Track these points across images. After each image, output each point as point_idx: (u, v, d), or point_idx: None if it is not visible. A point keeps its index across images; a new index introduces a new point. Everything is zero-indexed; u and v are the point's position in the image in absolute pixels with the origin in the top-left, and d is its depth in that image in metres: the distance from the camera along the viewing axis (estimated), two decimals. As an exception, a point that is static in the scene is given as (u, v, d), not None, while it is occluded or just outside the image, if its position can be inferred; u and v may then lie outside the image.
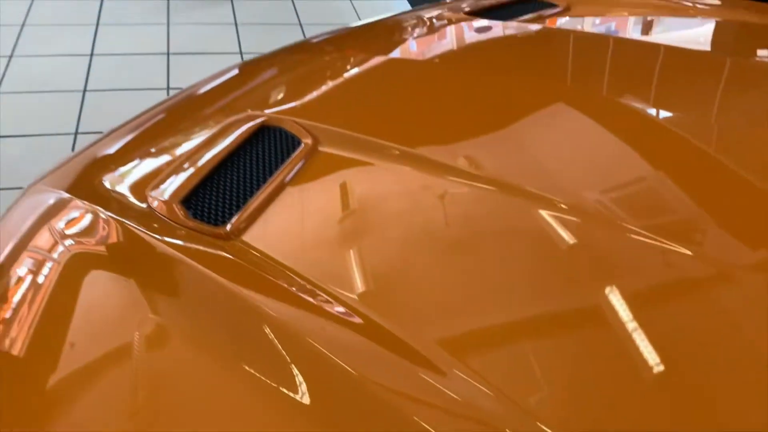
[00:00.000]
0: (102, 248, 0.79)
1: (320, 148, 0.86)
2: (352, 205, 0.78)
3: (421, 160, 0.83)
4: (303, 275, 0.67)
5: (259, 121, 0.92)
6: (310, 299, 0.65)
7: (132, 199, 0.83)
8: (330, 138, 0.88)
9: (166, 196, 0.79)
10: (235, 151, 0.87)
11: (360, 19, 3.32)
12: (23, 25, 2.96)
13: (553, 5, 1.33)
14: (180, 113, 1.10)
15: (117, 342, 0.63)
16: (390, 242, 0.72)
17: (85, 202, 0.86)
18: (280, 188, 0.80)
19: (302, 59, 1.21)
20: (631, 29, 1.32)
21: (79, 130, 2.36)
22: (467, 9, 1.30)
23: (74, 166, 1.00)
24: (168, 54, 2.87)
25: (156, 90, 2.62)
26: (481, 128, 0.90)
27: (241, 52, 2.95)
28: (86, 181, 0.93)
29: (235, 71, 1.23)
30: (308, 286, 0.66)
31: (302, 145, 0.87)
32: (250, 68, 1.22)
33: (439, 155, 0.84)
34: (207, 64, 2.83)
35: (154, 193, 0.80)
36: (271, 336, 0.61)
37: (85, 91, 2.57)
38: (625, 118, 0.93)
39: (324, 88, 1.07)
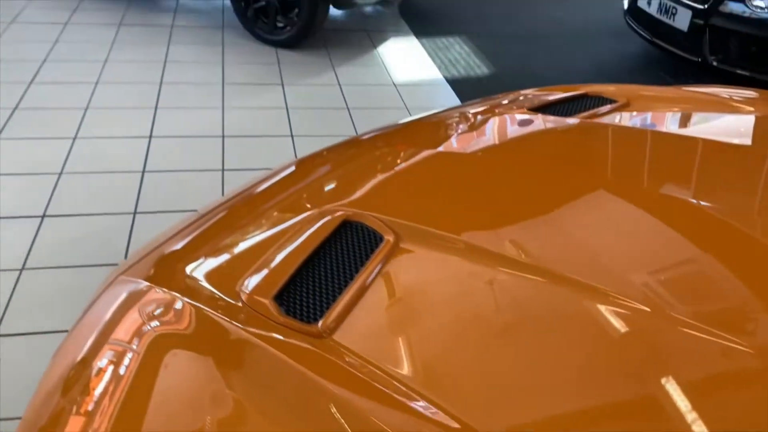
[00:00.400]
0: (192, 340, 0.81)
1: (402, 245, 0.89)
2: (437, 303, 0.79)
3: (498, 258, 0.85)
4: (395, 376, 0.68)
5: (340, 216, 0.95)
6: (404, 400, 0.65)
7: (220, 291, 0.86)
8: (409, 233, 0.91)
9: (258, 292, 0.82)
10: (320, 246, 0.90)
11: (404, 103, 3.44)
12: (87, 108, 3.12)
13: (612, 101, 1.37)
14: (253, 206, 1.15)
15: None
16: (476, 342, 0.72)
17: (173, 293, 0.89)
18: (368, 285, 0.82)
19: (369, 153, 1.26)
20: (687, 124, 1.34)
21: (138, 210, 2.45)
22: (530, 106, 1.35)
23: (157, 258, 1.04)
24: (223, 136, 2.99)
25: (211, 171, 2.72)
26: (553, 224, 0.91)
27: (292, 135, 3.06)
28: (172, 273, 0.97)
29: (303, 165, 1.28)
30: (402, 388, 0.67)
31: (384, 240, 0.89)
32: (319, 162, 1.27)
33: (516, 252, 0.86)
34: (260, 146, 2.93)
35: (245, 288, 0.83)
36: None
37: (144, 171, 2.67)
38: (677, 209, 0.94)
39: (396, 182, 1.11)
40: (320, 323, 0.76)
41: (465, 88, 3.73)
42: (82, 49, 3.77)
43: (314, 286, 0.83)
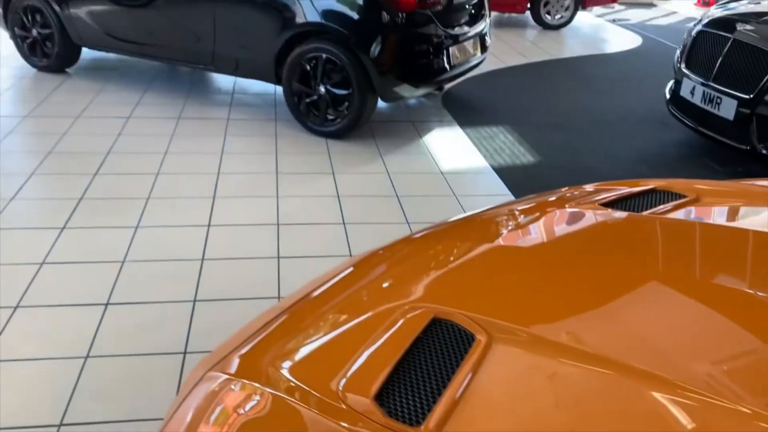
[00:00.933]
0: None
1: (494, 344, 0.90)
2: (537, 405, 0.79)
3: (586, 356, 0.85)
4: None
5: (429, 314, 0.97)
6: None
7: (315, 389, 0.87)
8: (499, 331, 0.92)
9: (357, 391, 0.83)
10: (412, 344, 0.91)
11: (452, 191, 3.50)
12: (148, 198, 3.25)
13: (682, 196, 1.39)
14: (338, 299, 1.17)
15: None
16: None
17: (266, 389, 0.91)
18: (466, 387, 0.82)
19: (447, 247, 1.28)
20: (758, 219, 1.34)
21: (198, 298, 2.50)
22: (602, 201, 1.37)
23: (248, 352, 1.06)
24: (278, 224, 3.06)
25: (268, 258, 2.78)
26: (643, 321, 0.91)
27: (344, 222, 3.12)
28: (263, 368, 0.99)
29: (381, 258, 1.31)
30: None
31: (476, 340, 0.90)
32: (398, 255, 1.30)
33: (602, 347, 0.86)
34: (314, 234, 3.00)
35: (342, 387, 0.84)
36: None
37: (203, 259, 2.74)
38: (747, 303, 0.94)
39: (476, 277, 1.13)
40: (423, 426, 0.76)
41: (512, 176, 3.79)
42: (143, 141, 3.97)
43: (412, 386, 0.84)
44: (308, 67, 4.07)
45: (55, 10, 4.83)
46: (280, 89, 5.01)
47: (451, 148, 4.19)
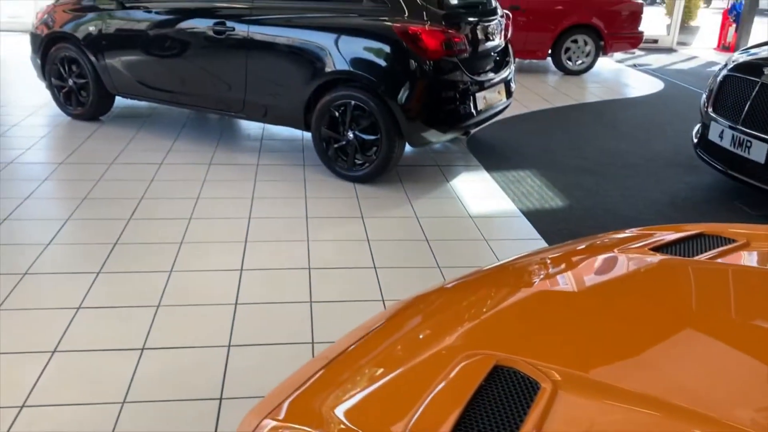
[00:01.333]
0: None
1: (560, 391, 0.88)
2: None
3: (654, 402, 0.83)
4: None
5: (490, 360, 0.96)
6: None
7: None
8: (565, 379, 0.91)
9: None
10: (475, 392, 0.90)
11: (482, 235, 3.49)
12: (181, 242, 3.29)
13: (732, 240, 1.37)
14: (392, 344, 1.16)
15: None
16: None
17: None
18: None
19: (497, 292, 1.28)
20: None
21: (232, 343, 2.49)
22: (652, 246, 1.36)
23: (307, 398, 1.05)
24: (309, 268, 3.07)
25: (301, 303, 2.78)
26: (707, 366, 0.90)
27: (374, 266, 3.13)
28: (321, 415, 0.98)
29: (430, 302, 1.31)
30: None
31: (541, 388, 0.89)
32: (446, 299, 1.30)
33: (670, 393, 0.84)
34: (346, 278, 3.00)
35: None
36: None
37: (236, 304, 2.75)
38: None
39: (531, 322, 1.12)
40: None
41: (542, 220, 3.78)
42: (176, 187, 4.03)
43: (480, 437, 0.83)
44: (337, 114, 4.14)
45: (91, 61, 4.99)
46: (307, 135, 5.09)
47: (479, 192, 4.21)
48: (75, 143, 4.77)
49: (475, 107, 4.23)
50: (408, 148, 4.61)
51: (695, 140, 4.50)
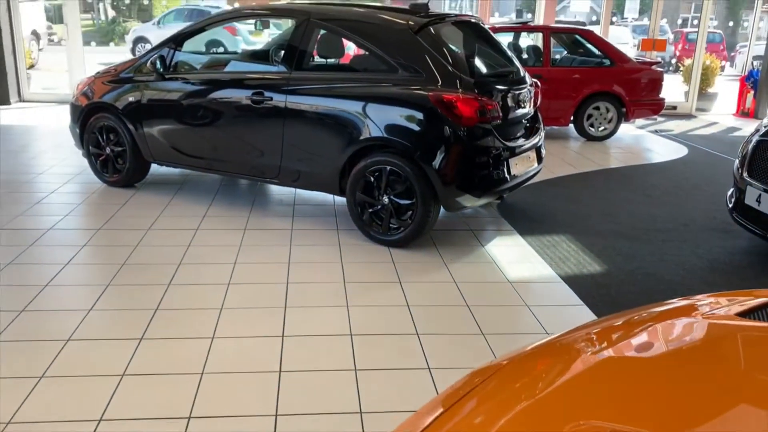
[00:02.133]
0: None
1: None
2: None
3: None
4: None
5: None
6: None
7: None
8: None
9: None
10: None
11: (523, 301, 3.44)
12: (221, 308, 3.27)
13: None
14: (486, 411, 1.13)
15: None
16: None
17: None
18: None
19: (587, 360, 1.24)
20: None
21: (279, 412, 2.44)
22: (737, 312, 1.33)
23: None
24: (351, 335, 3.03)
25: (345, 371, 2.73)
26: None
27: (417, 333, 3.08)
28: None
29: (522, 369, 1.27)
30: None
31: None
32: (543, 365, 1.26)
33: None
34: (389, 345, 2.96)
35: None
36: None
37: (280, 372, 2.71)
38: None
39: (633, 389, 1.08)
40: None
41: (582, 285, 3.73)
42: (213, 252, 4.05)
43: None
44: (371, 179, 4.19)
45: (129, 129, 5.13)
46: (339, 199, 5.13)
47: (515, 256, 4.18)
48: (111, 210, 4.84)
49: (509, 173, 4.26)
50: (441, 212, 4.62)
51: (730, 204, 4.47)
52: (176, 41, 4.97)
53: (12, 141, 7.23)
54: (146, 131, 5.05)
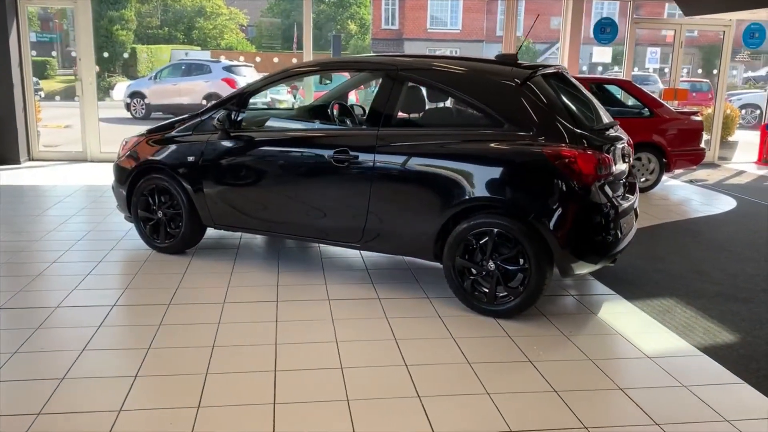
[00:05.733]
0: None
1: None
2: None
3: None
4: None
5: None
6: None
7: None
8: None
9: None
10: None
11: (678, 381, 3.01)
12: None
13: None
14: None
15: None
16: None
17: None
18: None
19: None
20: None
21: None
22: None
23: None
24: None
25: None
26: None
27: (584, 426, 2.66)
28: None
29: None
30: None
31: None
32: None
33: None
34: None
35: None
36: None
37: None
38: None
39: None
40: None
41: (726, 358, 3.35)
42: (305, 328, 3.60)
43: None
44: (474, 242, 3.81)
45: (186, 191, 4.71)
46: (412, 261, 4.72)
47: (637, 326, 3.80)
48: (173, 280, 4.37)
49: (622, 233, 3.92)
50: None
51: None
52: (242, 97, 4.60)
53: (35, 204, 6.74)
54: (207, 192, 4.64)
